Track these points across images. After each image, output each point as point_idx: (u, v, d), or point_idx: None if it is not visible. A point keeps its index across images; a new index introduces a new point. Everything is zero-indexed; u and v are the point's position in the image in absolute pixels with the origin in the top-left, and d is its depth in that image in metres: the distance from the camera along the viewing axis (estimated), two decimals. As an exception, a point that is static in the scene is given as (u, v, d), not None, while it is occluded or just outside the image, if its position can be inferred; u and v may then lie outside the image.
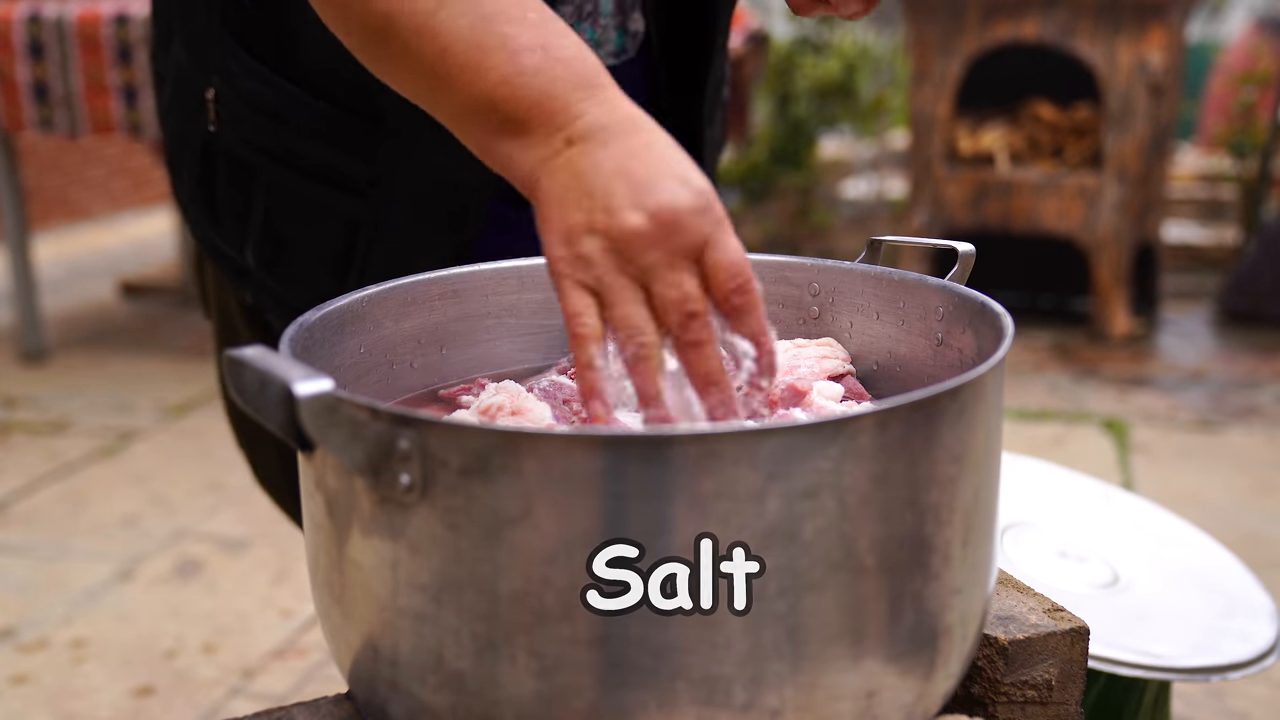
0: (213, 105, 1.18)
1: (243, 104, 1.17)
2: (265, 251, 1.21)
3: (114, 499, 3.21)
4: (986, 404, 0.73)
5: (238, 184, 1.20)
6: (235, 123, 1.18)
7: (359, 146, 1.15)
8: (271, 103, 1.16)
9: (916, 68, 4.50)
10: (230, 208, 1.21)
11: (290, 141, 1.16)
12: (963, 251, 0.92)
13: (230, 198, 1.21)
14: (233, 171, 1.20)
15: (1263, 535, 2.88)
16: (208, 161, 1.21)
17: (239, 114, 1.17)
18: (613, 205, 0.73)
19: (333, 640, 0.76)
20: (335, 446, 0.65)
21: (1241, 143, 5.20)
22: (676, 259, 0.72)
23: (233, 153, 1.19)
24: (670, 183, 0.73)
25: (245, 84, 1.16)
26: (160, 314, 5.05)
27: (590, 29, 1.16)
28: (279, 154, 1.17)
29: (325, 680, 2.35)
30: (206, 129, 1.20)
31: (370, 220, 1.17)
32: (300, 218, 1.19)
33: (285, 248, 1.20)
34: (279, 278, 1.22)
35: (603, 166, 0.74)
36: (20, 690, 2.33)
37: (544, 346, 1.02)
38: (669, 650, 0.64)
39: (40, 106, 3.96)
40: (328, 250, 1.19)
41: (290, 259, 1.21)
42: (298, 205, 1.18)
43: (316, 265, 1.19)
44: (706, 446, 0.62)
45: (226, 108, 1.18)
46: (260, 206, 1.19)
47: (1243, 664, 1.38)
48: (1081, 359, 4.25)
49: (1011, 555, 1.47)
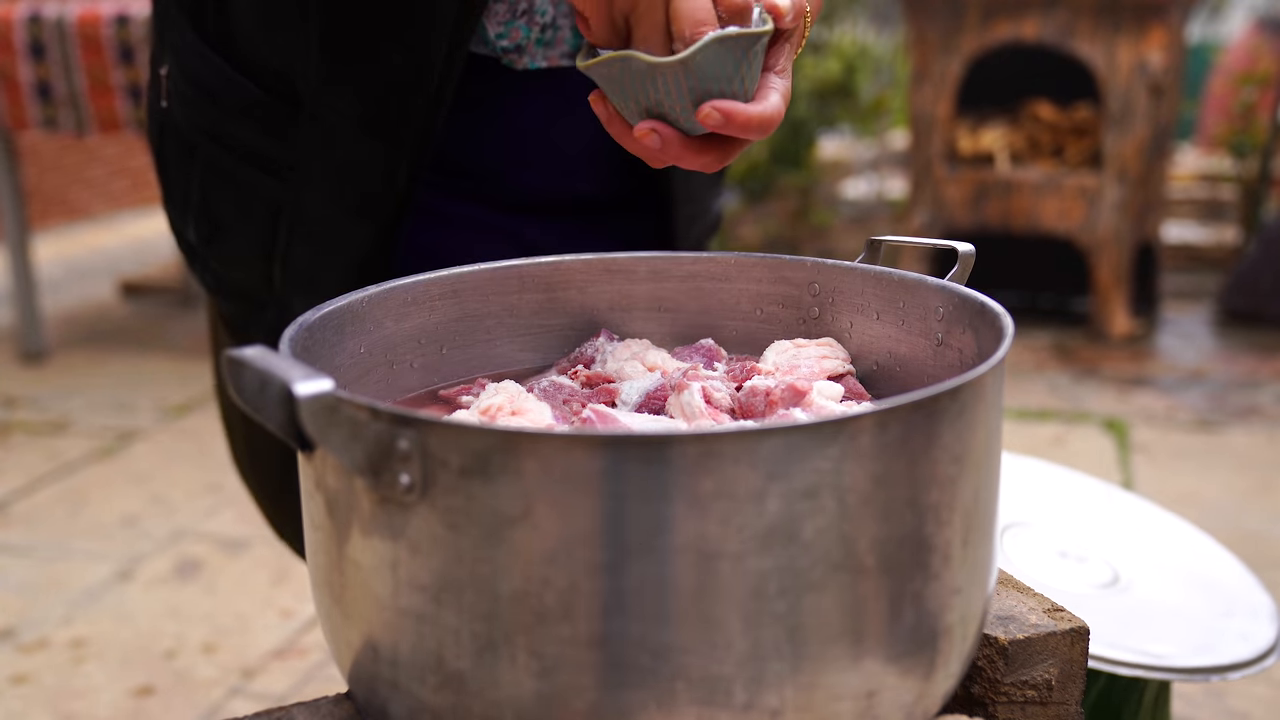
0: (165, 82, 1.21)
1: (186, 81, 1.19)
2: (204, 231, 1.23)
3: (114, 499, 3.21)
4: (986, 404, 0.73)
5: (181, 162, 1.22)
6: (181, 101, 1.20)
7: (281, 130, 1.16)
8: (209, 81, 1.18)
9: (916, 68, 4.50)
10: (176, 185, 1.24)
11: (223, 121, 1.18)
12: (963, 251, 0.92)
13: (176, 175, 1.24)
14: (178, 149, 1.22)
15: (1263, 535, 2.88)
16: (160, 138, 1.24)
17: (184, 92, 1.20)
18: None
19: (333, 640, 0.76)
20: (335, 446, 0.65)
21: (1241, 143, 5.21)
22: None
23: (178, 131, 1.22)
24: None
25: (189, 62, 1.18)
26: (160, 314, 5.05)
27: (525, 26, 1.16)
28: (214, 133, 1.19)
29: (325, 680, 2.35)
30: (161, 106, 1.23)
31: (290, 204, 1.18)
32: (231, 199, 1.21)
33: (220, 228, 1.22)
34: (219, 259, 1.24)
35: None
36: (20, 690, 2.33)
37: (544, 346, 1.02)
38: (669, 650, 0.64)
39: (44, 106, 3.96)
40: (255, 233, 1.20)
41: (224, 240, 1.22)
42: (229, 186, 1.20)
43: (247, 248, 1.21)
44: (706, 446, 0.62)
45: (175, 85, 1.21)
46: (198, 185, 1.21)
47: (1243, 664, 1.38)
48: (1081, 359, 4.25)
49: (1011, 555, 1.47)
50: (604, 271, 1.02)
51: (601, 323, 1.03)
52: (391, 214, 1.17)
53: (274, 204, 1.18)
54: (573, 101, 1.19)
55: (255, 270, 1.20)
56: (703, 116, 0.85)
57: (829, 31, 6.08)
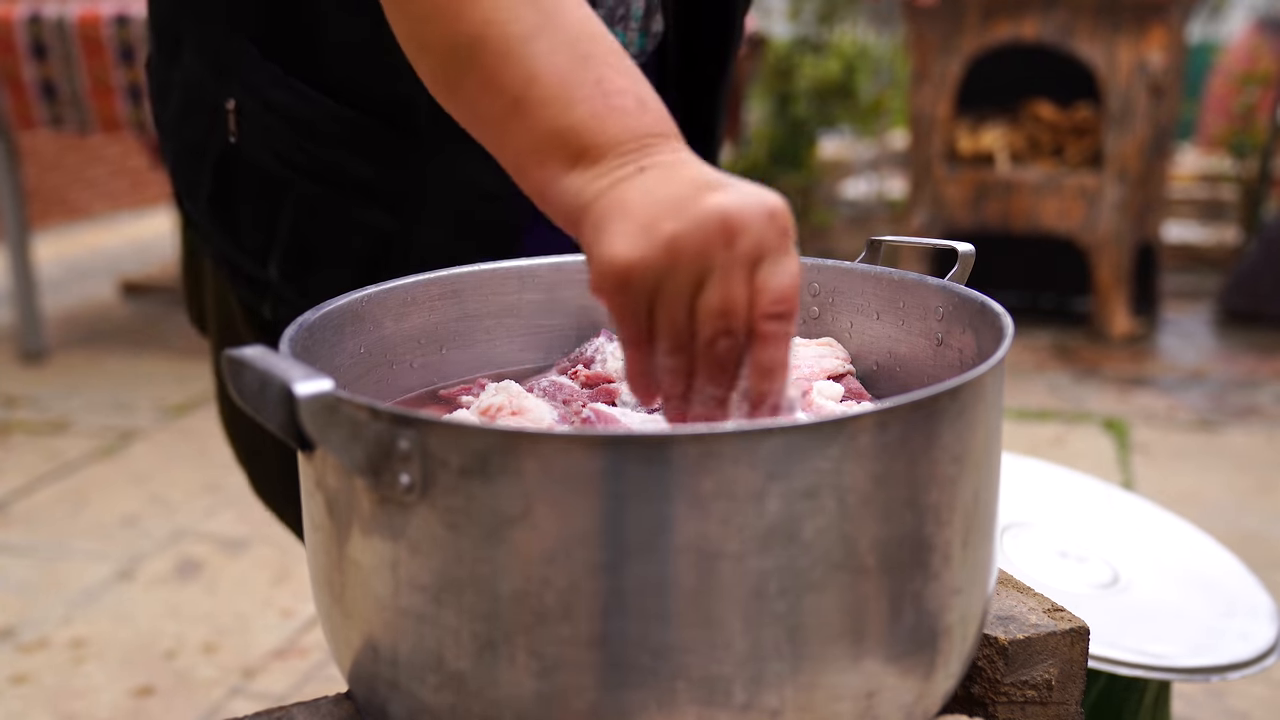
0: (234, 117, 1.15)
1: (270, 115, 1.14)
2: (292, 265, 1.18)
3: (114, 499, 3.21)
4: (986, 404, 0.73)
5: (263, 197, 1.17)
6: (260, 135, 1.15)
7: (390, 158, 1.13)
8: (301, 114, 1.13)
9: (916, 68, 4.50)
10: (253, 221, 1.19)
11: (320, 153, 1.14)
12: (963, 251, 0.92)
13: (253, 211, 1.18)
14: (257, 184, 1.17)
15: (1263, 535, 2.88)
16: (224, 174, 1.19)
17: (265, 125, 1.15)
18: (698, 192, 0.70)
19: (333, 640, 0.76)
20: (335, 446, 0.65)
21: (1241, 143, 5.21)
22: (735, 264, 0.69)
23: (257, 165, 1.16)
24: (752, 187, 0.72)
25: (272, 95, 1.13)
26: (160, 314, 5.05)
27: (622, 33, 1.15)
28: (307, 167, 1.14)
29: (325, 680, 2.35)
30: (225, 141, 1.17)
31: (402, 234, 1.14)
32: (330, 231, 1.16)
33: (313, 261, 1.18)
34: (304, 291, 1.19)
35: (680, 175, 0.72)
36: (20, 690, 2.33)
37: (544, 346, 1.02)
38: (669, 650, 0.64)
39: (50, 105, 3.97)
40: (356, 264, 1.16)
41: (317, 272, 1.18)
42: (327, 219, 1.16)
43: (344, 279, 1.16)
44: (706, 446, 0.62)
45: (250, 120, 1.15)
46: (288, 220, 1.17)
47: (1243, 664, 1.38)
48: (1082, 359, 4.25)
49: (1011, 555, 1.47)
50: (604, 271, 1.02)
51: (601, 323, 1.03)
52: (509, 240, 1.13)
53: (383, 235, 1.14)
54: None
55: None
56: None
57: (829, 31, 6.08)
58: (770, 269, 0.70)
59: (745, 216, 0.69)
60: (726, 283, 0.69)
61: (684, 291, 0.70)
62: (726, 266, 0.69)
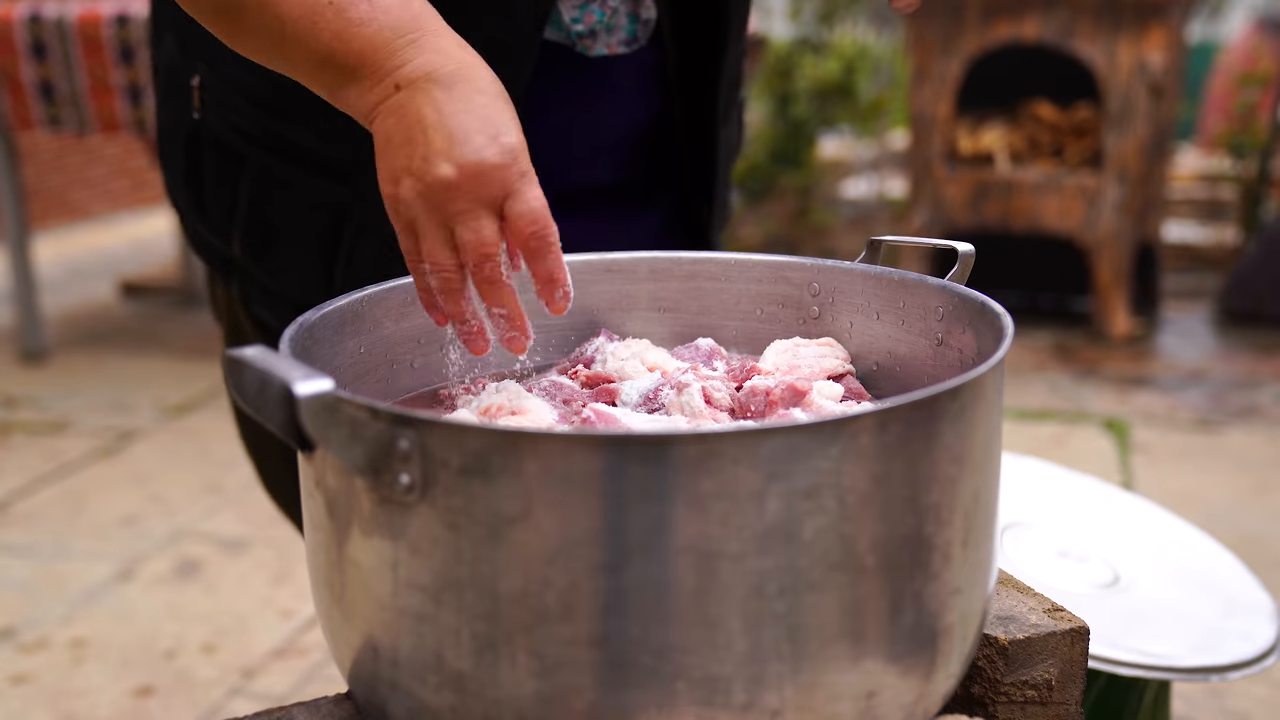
0: (198, 92, 1.19)
1: (230, 90, 1.17)
2: (253, 240, 1.21)
3: (114, 499, 3.21)
4: (986, 404, 0.73)
5: (225, 172, 1.20)
6: (222, 109, 1.18)
7: (344, 132, 1.14)
8: (259, 89, 1.16)
9: (916, 68, 4.50)
10: (217, 196, 1.21)
11: (277, 127, 1.16)
12: (963, 251, 0.92)
13: (217, 186, 1.21)
14: (219, 159, 1.20)
15: (1263, 535, 2.88)
16: (193, 150, 1.21)
17: (226, 100, 1.17)
18: (429, 155, 0.82)
19: (333, 640, 0.76)
20: (335, 446, 0.65)
21: (1241, 143, 5.20)
22: (478, 207, 0.82)
23: (219, 140, 1.19)
24: (480, 139, 0.82)
25: (231, 69, 1.16)
26: (160, 314, 5.05)
27: (599, 10, 1.16)
28: (266, 140, 1.17)
29: (325, 680, 2.35)
30: (191, 117, 1.20)
31: (357, 207, 1.16)
32: (288, 205, 1.19)
33: (273, 236, 1.20)
34: (266, 267, 1.21)
35: (425, 117, 0.83)
36: (20, 690, 2.33)
37: (544, 346, 1.02)
38: (669, 650, 0.64)
39: (48, 105, 3.96)
40: (315, 238, 1.19)
41: (278, 247, 1.20)
42: (285, 192, 1.18)
43: (304, 254, 1.19)
44: (706, 446, 0.62)
45: (213, 94, 1.18)
46: (246, 194, 1.19)
47: (1243, 664, 1.37)
48: (1081, 359, 4.25)
49: (1011, 555, 1.47)
50: (604, 271, 1.02)
51: (601, 323, 1.03)
52: None
53: (338, 208, 1.17)
54: (616, 89, 1.20)
55: (313, 276, 1.18)
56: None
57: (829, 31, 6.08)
58: (513, 204, 0.82)
59: (473, 175, 0.81)
60: (473, 225, 0.82)
61: (437, 234, 0.83)
62: (467, 213, 0.82)
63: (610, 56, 1.19)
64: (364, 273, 1.16)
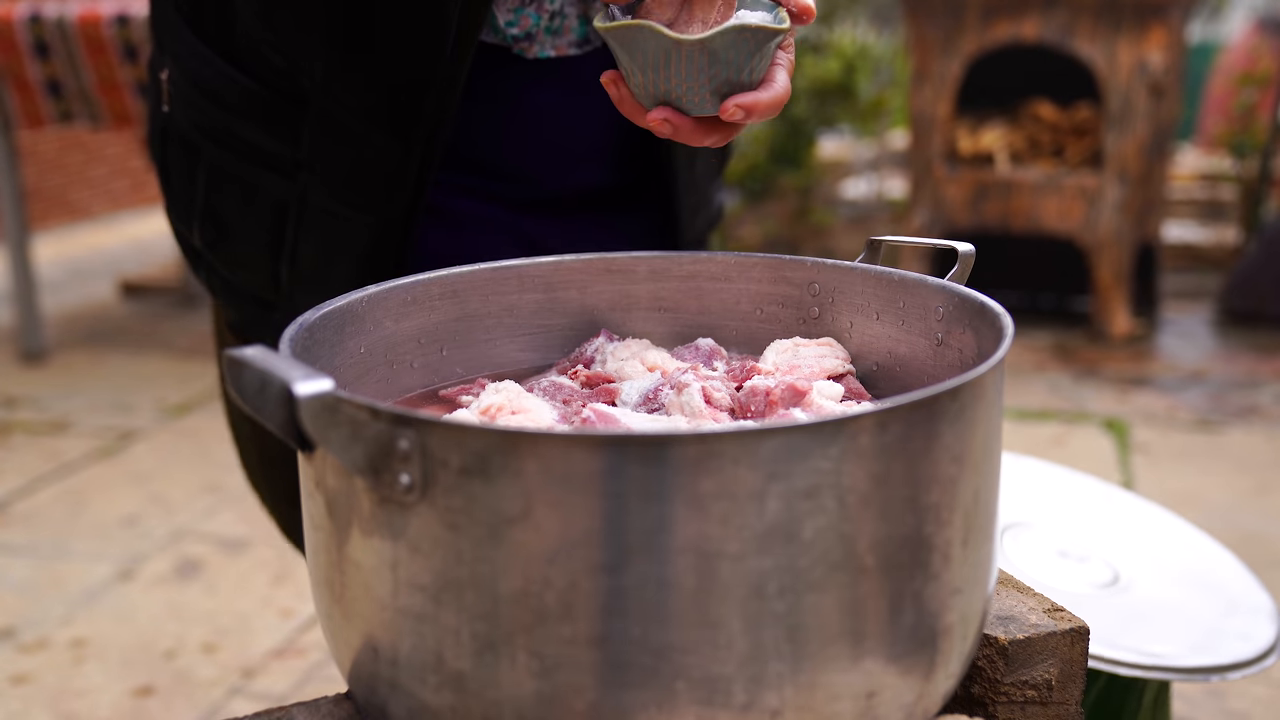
0: (166, 86, 1.22)
1: (189, 84, 1.19)
2: (209, 233, 1.23)
3: (114, 499, 3.21)
4: (986, 404, 0.73)
5: (186, 165, 1.22)
6: (183, 104, 1.21)
7: (287, 128, 1.16)
8: (210, 83, 1.18)
9: (916, 68, 4.50)
10: (180, 190, 1.24)
11: (226, 122, 1.18)
12: (963, 251, 0.92)
13: (180, 179, 1.24)
14: (182, 152, 1.22)
15: (1263, 535, 2.88)
16: (163, 145, 1.25)
17: (186, 95, 1.20)
18: None
19: (333, 640, 0.76)
20: (335, 446, 0.65)
21: (1241, 143, 5.21)
22: None
23: (181, 134, 1.22)
24: None
25: (189, 64, 1.19)
26: (160, 314, 5.05)
27: (535, 14, 1.16)
28: (217, 134, 1.19)
29: (325, 680, 2.35)
30: (162, 110, 1.23)
31: (297, 202, 1.17)
32: (236, 199, 1.20)
33: (225, 229, 1.22)
34: (223, 260, 1.24)
35: None
36: (20, 690, 2.33)
37: (544, 346, 1.02)
38: (669, 650, 0.64)
39: (58, 101, 3.97)
40: (262, 233, 1.20)
41: (230, 241, 1.22)
42: (233, 186, 1.20)
43: (253, 248, 1.21)
44: (706, 446, 0.62)
45: (177, 89, 1.21)
46: (202, 187, 1.21)
47: (1243, 664, 1.37)
48: (1081, 359, 4.25)
49: (1011, 555, 1.47)
50: (604, 271, 1.02)
51: (601, 323, 1.03)
52: (402, 210, 1.16)
53: (280, 203, 1.18)
54: (581, 91, 1.19)
55: (262, 271, 1.20)
56: (728, 115, 0.91)
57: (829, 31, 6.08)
58: None
59: None
60: None
61: None
62: None
63: (563, 59, 1.18)
64: (307, 271, 1.18)
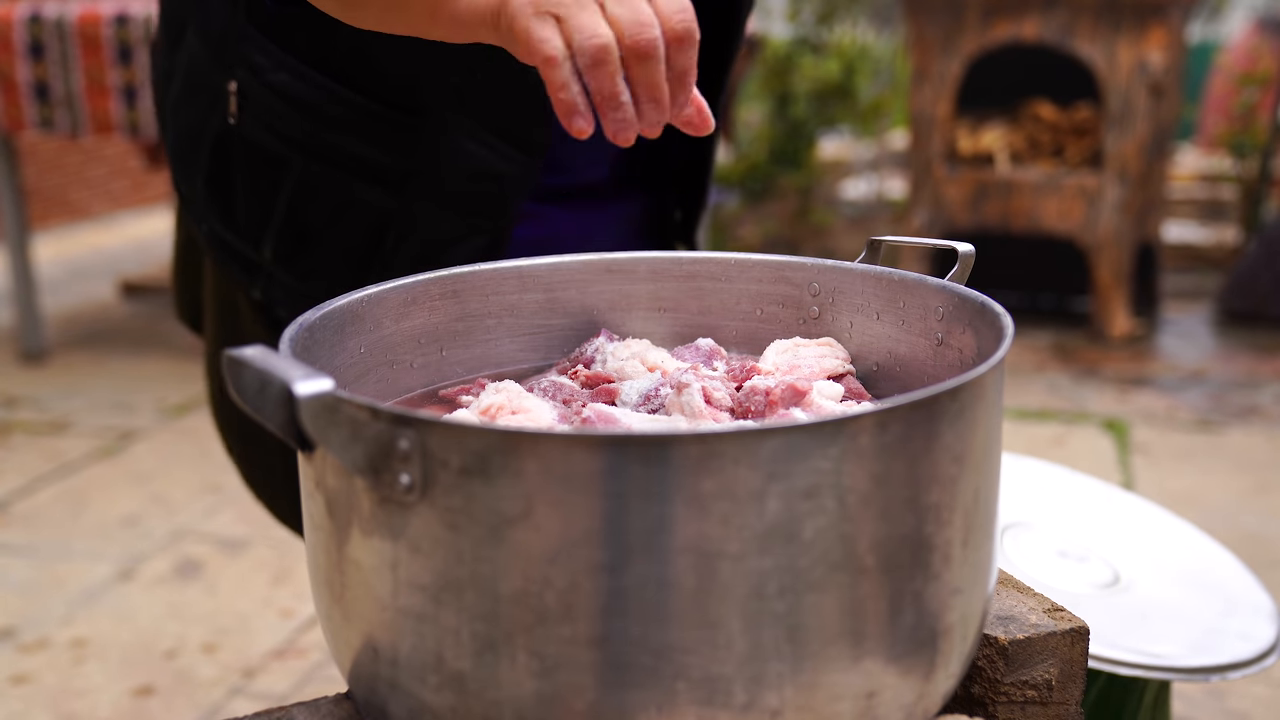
0: (234, 98, 1.19)
1: (272, 96, 1.18)
2: (286, 244, 1.22)
3: (114, 499, 3.21)
4: (986, 404, 0.73)
5: (261, 177, 1.21)
6: (262, 115, 1.19)
7: (396, 141, 1.16)
8: (305, 96, 1.17)
9: (916, 68, 4.50)
10: (249, 202, 1.22)
11: (323, 134, 1.17)
12: (963, 251, 0.92)
13: (250, 191, 1.22)
14: (254, 164, 1.20)
15: (1263, 535, 2.88)
16: (221, 154, 1.22)
17: (267, 106, 1.18)
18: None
19: (333, 640, 0.76)
20: (335, 446, 0.65)
21: (1241, 143, 5.20)
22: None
23: (257, 145, 1.20)
24: None
25: (275, 77, 1.17)
26: (160, 314, 5.05)
27: None
28: (310, 146, 1.18)
29: (325, 680, 2.35)
30: (225, 121, 1.21)
31: (403, 214, 1.18)
32: (328, 210, 1.20)
33: (308, 241, 1.21)
34: (297, 271, 1.22)
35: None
36: (20, 690, 2.33)
37: (544, 346, 1.02)
38: (669, 650, 0.64)
39: (41, 106, 3.96)
40: (353, 243, 1.20)
41: (312, 252, 1.21)
42: (326, 198, 1.19)
43: (339, 258, 1.21)
44: (706, 446, 0.62)
45: (252, 101, 1.19)
46: (285, 199, 1.20)
47: (1243, 664, 1.37)
48: (1081, 359, 4.25)
49: (1011, 555, 1.47)
50: (604, 271, 1.02)
51: (601, 323, 1.03)
52: (508, 220, 1.19)
53: (382, 213, 1.18)
54: None
55: (344, 281, 1.18)
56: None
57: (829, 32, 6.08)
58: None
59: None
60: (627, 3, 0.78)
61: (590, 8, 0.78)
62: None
63: None
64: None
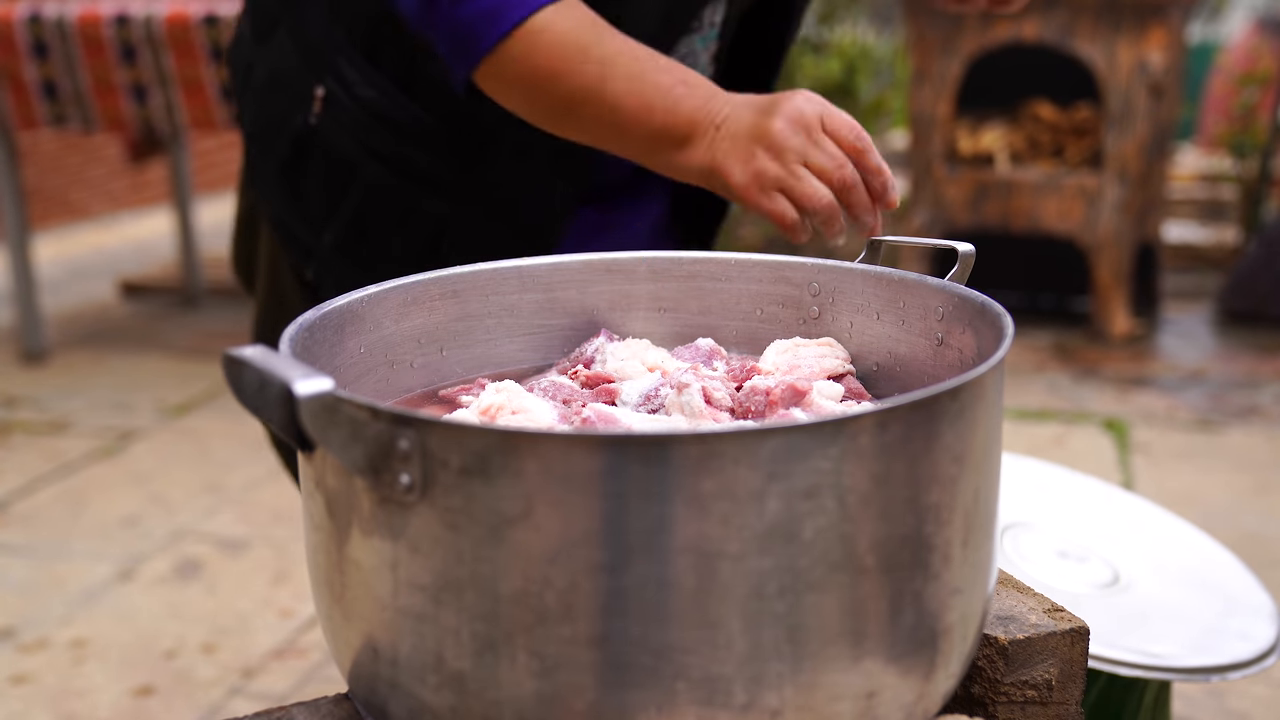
0: (320, 102, 1.29)
1: (359, 109, 1.27)
2: (348, 239, 1.31)
3: (114, 499, 3.21)
4: (986, 404, 0.73)
5: (333, 176, 1.30)
6: (347, 123, 1.28)
7: (465, 159, 1.26)
8: (388, 111, 1.26)
9: (916, 68, 4.50)
10: (320, 196, 1.31)
11: (399, 147, 1.27)
12: (963, 251, 0.92)
13: (321, 187, 1.31)
14: (329, 164, 1.30)
15: (1263, 535, 2.88)
16: (300, 149, 1.31)
17: (353, 116, 1.28)
18: (763, 131, 1.05)
19: (333, 640, 0.76)
20: (335, 446, 0.65)
21: (1241, 143, 5.20)
22: (814, 134, 1.05)
23: (335, 147, 1.29)
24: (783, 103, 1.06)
25: (364, 92, 1.27)
26: (160, 314, 5.05)
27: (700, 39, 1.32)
28: (384, 156, 1.28)
29: (325, 680, 2.35)
30: (306, 121, 1.30)
31: (457, 222, 1.28)
32: (392, 215, 1.30)
33: (368, 239, 1.31)
34: (353, 261, 1.32)
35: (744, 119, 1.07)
36: (20, 690, 2.33)
37: (544, 346, 1.02)
38: (669, 650, 0.64)
39: (51, 104, 3.96)
40: (411, 246, 1.30)
41: (370, 249, 1.31)
42: (392, 204, 1.29)
43: (398, 258, 1.28)
44: (706, 446, 0.62)
45: (336, 108, 1.28)
46: (354, 199, 1.29)
47: (1243, 664, 1.37)
48: (1081, 359, 4.25)
49: (1011, 555, 1.47)
50: (604, 271, 1.02)
51: (601, 323, 1.03)
52: (558, 233, 1.29)
53: (439, 221, 1.29)
54: None
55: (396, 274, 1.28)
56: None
57: (829, 31, 6.08)
58: (833, 123, 1.06)
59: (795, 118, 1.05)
60: (821, 148, 1.05)
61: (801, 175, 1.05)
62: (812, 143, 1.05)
63: None
64: None
